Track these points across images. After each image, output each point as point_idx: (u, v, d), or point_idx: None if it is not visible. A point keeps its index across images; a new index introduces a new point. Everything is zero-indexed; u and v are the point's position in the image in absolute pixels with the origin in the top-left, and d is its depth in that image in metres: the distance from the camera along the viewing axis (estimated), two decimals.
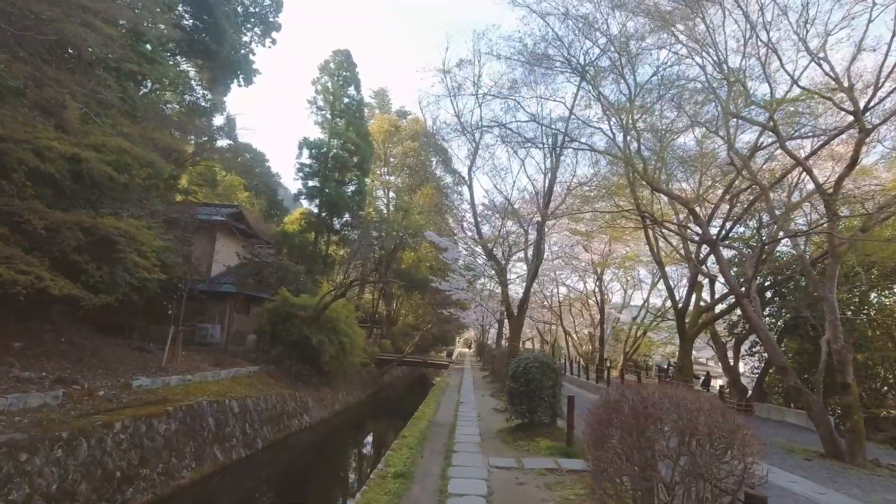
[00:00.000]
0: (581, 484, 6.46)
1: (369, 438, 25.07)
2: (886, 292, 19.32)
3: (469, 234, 26.53)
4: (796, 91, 11.01)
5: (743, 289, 11.46)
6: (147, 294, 16.27)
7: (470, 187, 18.03)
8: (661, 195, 17.67)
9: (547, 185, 16.53)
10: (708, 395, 19.47)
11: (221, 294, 25.05)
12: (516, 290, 31.46)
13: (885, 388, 18.54)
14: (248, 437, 15.95)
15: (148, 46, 22.96)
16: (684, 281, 29.34)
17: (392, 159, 49.08)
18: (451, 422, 11.41)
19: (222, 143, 46.17)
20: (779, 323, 18.52)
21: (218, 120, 39.94)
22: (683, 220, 19.65)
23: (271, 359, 22.90)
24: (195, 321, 24.69)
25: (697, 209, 16.00)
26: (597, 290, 30.49)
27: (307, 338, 22.20)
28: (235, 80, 27.95)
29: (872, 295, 19.02)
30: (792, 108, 11.79)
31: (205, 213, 26.59)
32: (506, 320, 32.81)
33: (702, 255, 16.26)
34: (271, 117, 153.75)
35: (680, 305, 16.80)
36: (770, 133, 13.88)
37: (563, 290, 36.85)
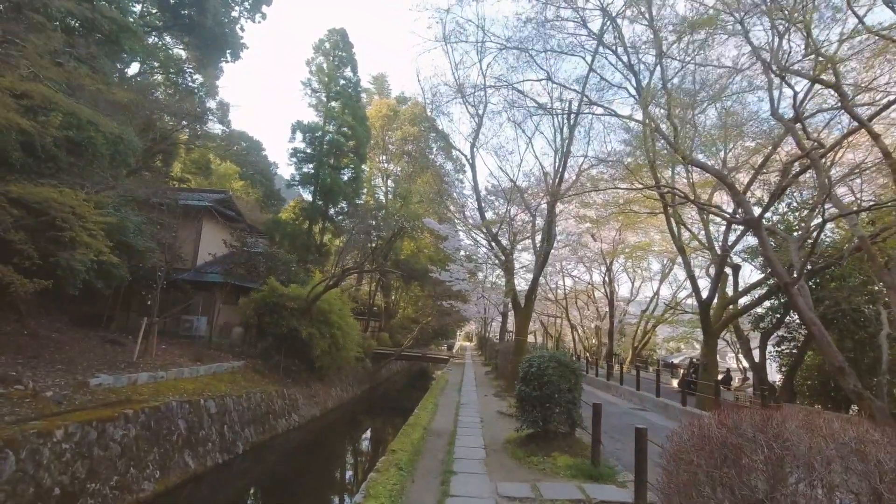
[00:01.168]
0: None
1: (365, 436, 23.63)
2: None
3: (471, 221, 24.94)
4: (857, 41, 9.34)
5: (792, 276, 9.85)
6: (113, 281, 14.68)
7: (472, 166, 16.41)
8: (685, 175, 16.01)
9: (559, 160, 14.90)
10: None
11: (208, 284, 23.53)
12: (521, 282, 29.99)
13: None
14: (227, 441, 14.43)
15: (130, 20, 21.52)
16: (699, 271, 27.76)
17: (391, 147, 47.36)
18: (450, 429, 9.87)
19: (215, 128, 44.57)
20: None
21: (211, 105, 38.53)
22: (707, 201, 18.00)
23: (258, 353, 21.47)
24: (179, 312, 23.25)
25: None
26: (606, 280, 28.90)
27: (296, 331, 20.67)
28: (222, 57, 26.21)
29: None
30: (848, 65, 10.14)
31: (191, 199, 25.13)
32: (510, 312, 31.32)
33: (730, 241, 14.66)
34: (264, 101, 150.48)
35: (704, 297, 15.21)
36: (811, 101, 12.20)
37: (568, 281, 35.30)
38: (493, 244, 19.02)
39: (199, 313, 23.84)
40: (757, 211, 10.89)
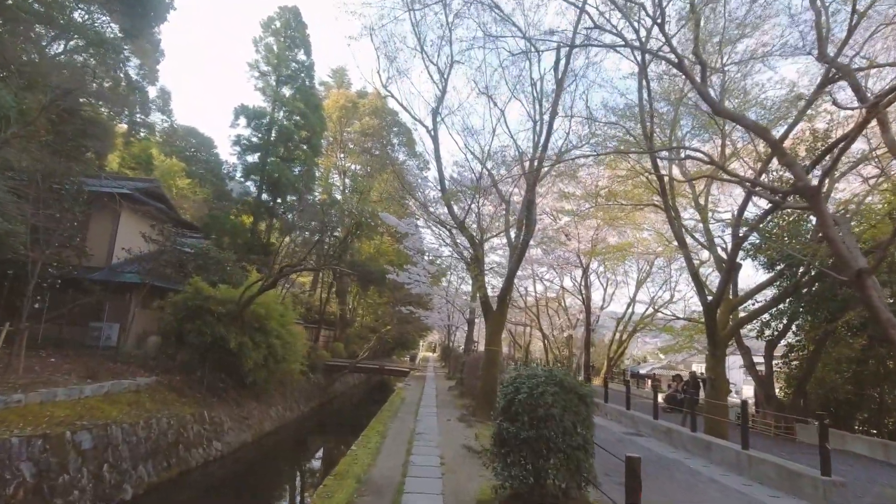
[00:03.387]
0: None
1: (309, 461, 20.25)
2: None
3: (435, 218, 22.01)
4: None
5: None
6: None
7: (434, 138, 13.48)
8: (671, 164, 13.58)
9: (540, 131, 12.20)
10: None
11: (123, 285, 19.77)
12: (489, 289, 27.36)
13: None
14: (107, 484, 10.95)
15: None
16: (685, 275, 25.65)
17: (350, 144, 44.13)
18: (396, 479, 6.84)
19: (156, 118, 40.47)
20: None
21: (151, 92, 34.81)
22: (699, 194, 15.78)
23: (177, 367, 17.89)
24: (87, 319, 19.50)
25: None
26: (581, 284, 26.46)
27: (223, 339, 17.24)
28: (149, 22, 22.70)
29: None
30: None
31: (106, 186, 21.44)
32: (478, 320, 28.42)
33: (741, 232, 12.16)
34: (214, 92, 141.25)
35: (709, 300, 12.69)
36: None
37: (539, 287, 32.71)
38: (459, 233, 16.25)
39: (113, 319, 20.00)
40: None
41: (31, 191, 14.68)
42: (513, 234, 15.02)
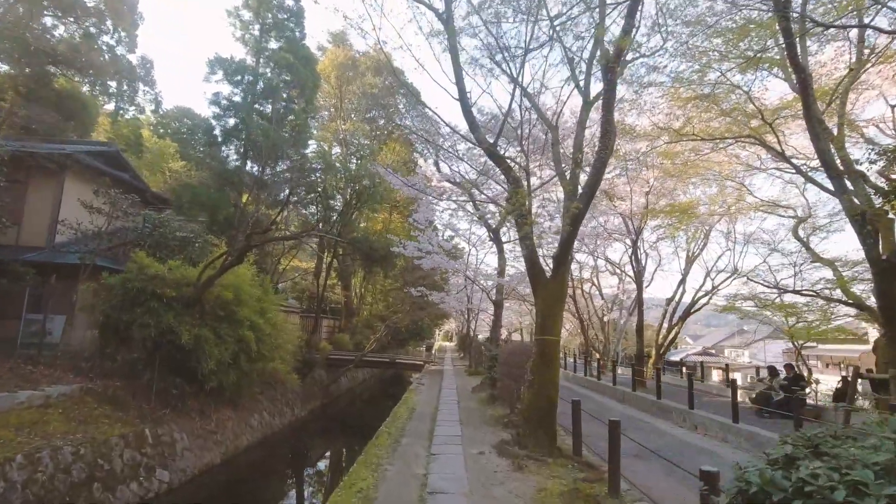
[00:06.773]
0: None
1: (304, 476, 16.13)
2: None
3: (449, 180, 17.48)
4: None
5: None
6: None
7: (448, 20, 8.72)
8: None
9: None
10: None
11: (67, 268, 15.62)
12: (512, 267, 22.90)
13: None
14: None
15: None
16: (783, 232, 20.56)
17: (353, 115, 39.60)
18: None
19: (140, 94, 36.58)
20: None
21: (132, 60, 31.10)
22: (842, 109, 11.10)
23: (120, 368, 13.75)
24: (20, 310, 15.31)
25: None
26: (632, 258, 21.51)
27: (172, 332, 12.98)
28: None
29: None
30: None
31: (46, 148, 17.61)
32: (506, 301, 23.66)
33: None
34: (194, 57, 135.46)
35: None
36: None
37: (573, 264, 27.79)
38: (481, 191, 11.72)
39: (59, 311, 15.70)
40: None
41: None
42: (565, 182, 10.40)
